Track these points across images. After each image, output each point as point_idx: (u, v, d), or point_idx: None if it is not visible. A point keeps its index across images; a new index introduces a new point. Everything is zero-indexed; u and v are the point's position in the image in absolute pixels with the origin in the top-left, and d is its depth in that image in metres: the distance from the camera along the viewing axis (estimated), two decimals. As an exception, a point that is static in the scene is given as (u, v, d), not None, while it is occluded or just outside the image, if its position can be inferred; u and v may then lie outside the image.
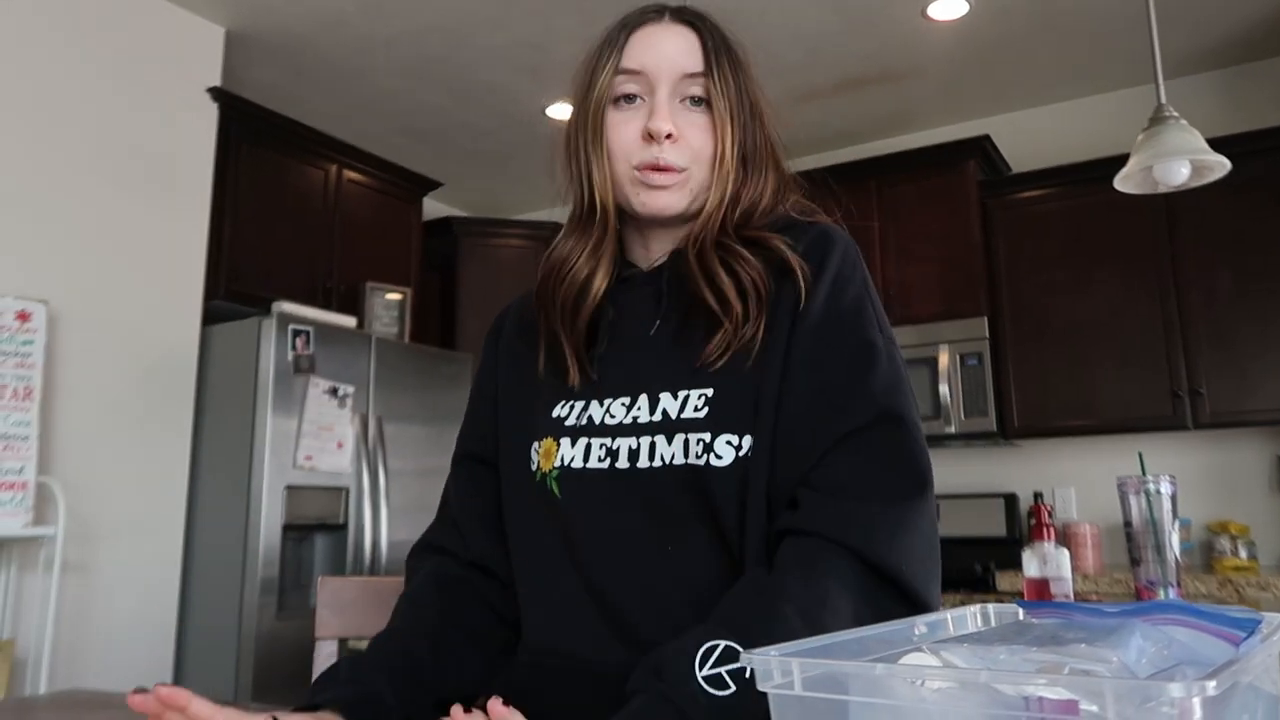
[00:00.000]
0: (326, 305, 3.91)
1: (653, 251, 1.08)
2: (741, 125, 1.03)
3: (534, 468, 1.04)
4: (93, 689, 1.27)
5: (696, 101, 1.02)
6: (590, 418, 1.01)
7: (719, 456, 0.93)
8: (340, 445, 3.51)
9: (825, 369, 0.94)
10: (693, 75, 1.02)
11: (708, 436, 0.94)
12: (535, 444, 1.04)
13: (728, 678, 0.77)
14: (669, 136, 1.00)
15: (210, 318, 3.54)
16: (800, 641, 0.57)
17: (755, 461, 0.93)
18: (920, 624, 0.67)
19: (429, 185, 4.62)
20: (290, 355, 3.38)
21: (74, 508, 2.91)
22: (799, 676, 0.51)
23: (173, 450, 3.33)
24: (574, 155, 1.07)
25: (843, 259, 1.00)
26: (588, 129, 1.05)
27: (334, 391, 3.51)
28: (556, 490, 1.01)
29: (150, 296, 3.31)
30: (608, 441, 0.99)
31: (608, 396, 1.01)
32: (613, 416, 1.00)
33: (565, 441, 1.02)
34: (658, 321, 1.03)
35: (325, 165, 4.12)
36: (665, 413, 0.97)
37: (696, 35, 1.04)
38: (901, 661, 0.54)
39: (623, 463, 0.97)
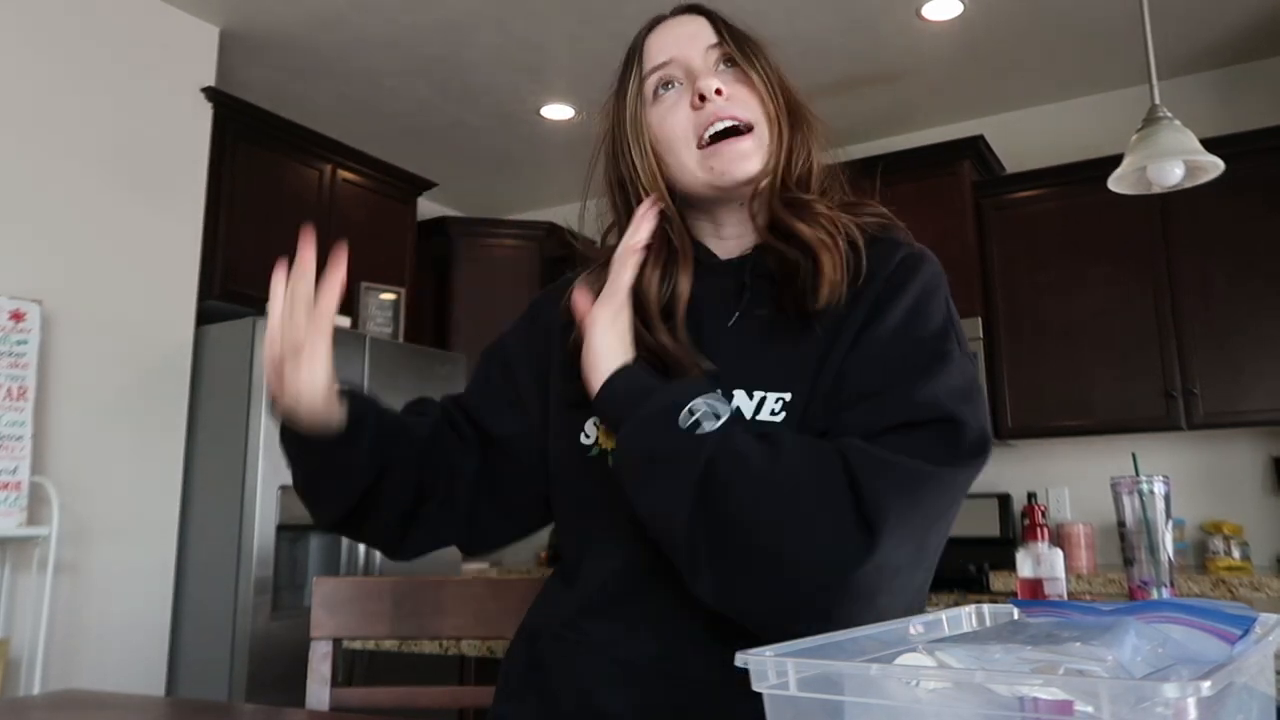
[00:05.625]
0: (321, 305, 3.89)
1: (724, 233, 1.08)
2: (776, 84, 1.06)
3: (590, 442, 1.02)
4: (87, 689, 1.27)
5: (729, 63, 1.05)
6: None
7: None
8: (335, 445, 3.49)
9: (892, 369, 0.91)
10: (714, 45, 1.05)
11: None
12: (592, 420, 1.03)
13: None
14: (718, 92, 1.01)
15: (204, 317, 3.53)
16: (795, 642, 0.57)
17: None
18: (916, 624, 0.67)
19: (423, 185, 4.62)
20: (285, 355, 3.37)
21: (68, 507, 2.91)
22: (794, 677, 0.51)
23: (167, 450, 3.32)
24: (620, 183, 1.07)
25: (931, 278, 0.99)
26: (629, 140, 1.05)
27: (328, 391, 3.50)
28: (610, 466, 0.99)
29: (145, 296, 3.30)
30: None
31: None
32: None
33: None
34: (737, 314, 1.01)
35: (320, 165, 4.12)
36: (739, 411, 0.94)
37: (707, 19, 1.08)
38: (897, 662, 0.54)
39: None
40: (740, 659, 0.53)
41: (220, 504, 3.31)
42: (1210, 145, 2.54)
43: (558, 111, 4.37)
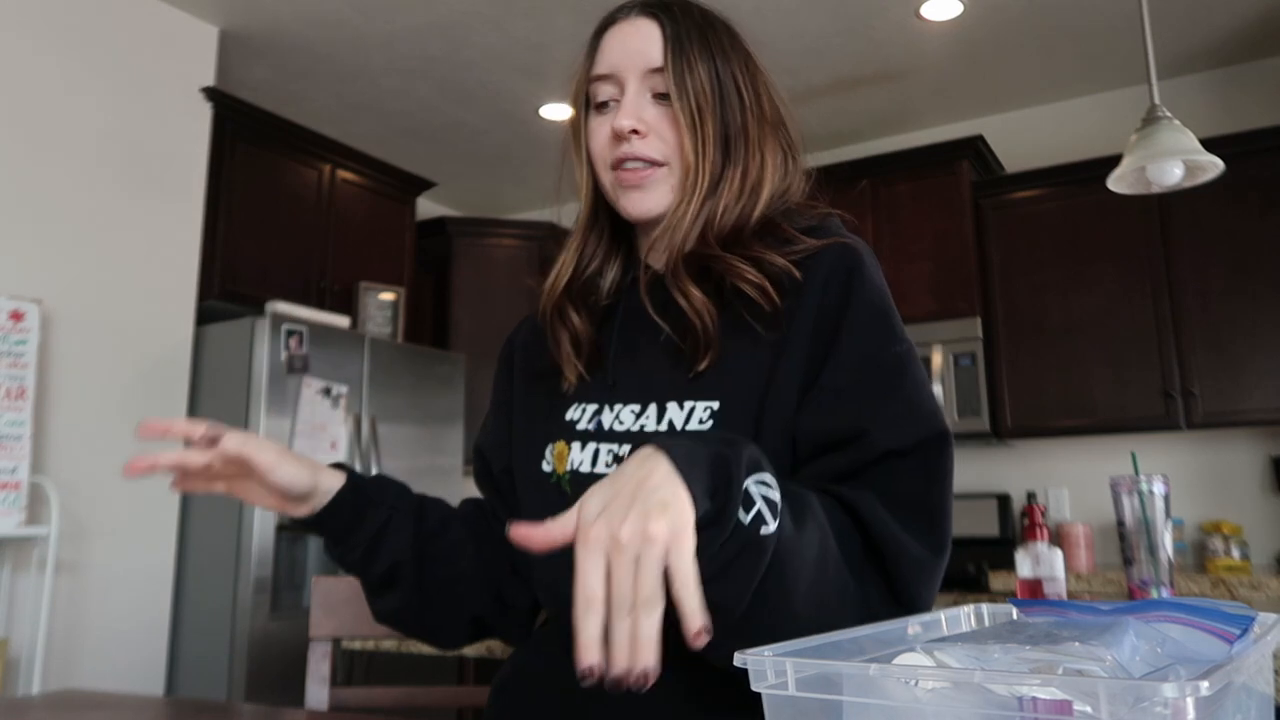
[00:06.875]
0: (320, 305, 3.90)
1: (655, 244, 1.06)
2: (715, 113, 0.99)
3: (549, 469, 1.03)
4: (87, 689, 1.27)
5: (663, 97, 1.00)
6: (600, 422, 1.01)
7: None
8: (334, 445, 3.50)
9: (865, 386, 0.91)
10: (656, 70, 0.99)
11: None
12: (549, 446, 1.04)
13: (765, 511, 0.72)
14: (635, 132, 0.98)
15: (204, 317, 3.53)
16: (794, 641, 0.57)
17: None
18: (914, 624, 0.67)
19: (423, 185, 4.62)
20: (284, 355, 3.37)
21: (68, 507, 2.91)
22: (793, 677, 0.51)
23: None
24: (575, 164, 1.08)
25: (869, 277, 0.96)
26: (576, 137, 1.06)
27: (327, 391, 3.50)
28: (570, 492, 1.00)
29: (144, 296, 3.30)
30: (615, 447, 0.98)
31: (619, 402, 1.00)
32: (621, 423, 0.99)
33: (576, 445, 1.01)
34: (667, 327, 1.00)
35: (319, 165, 4.12)
36: (671, 424, 0.95)
37: (658, 26, 1.01)
38: (895, 661, 0.54)
39: None
40: (739, 659, 0.53)
41: (219, 503, 3.31)
42: (1210, 145, 2.54)
43: (557, 111, 4.37)
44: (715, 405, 0.93)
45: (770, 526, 0.71)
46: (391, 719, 1.24)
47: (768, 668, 0.52)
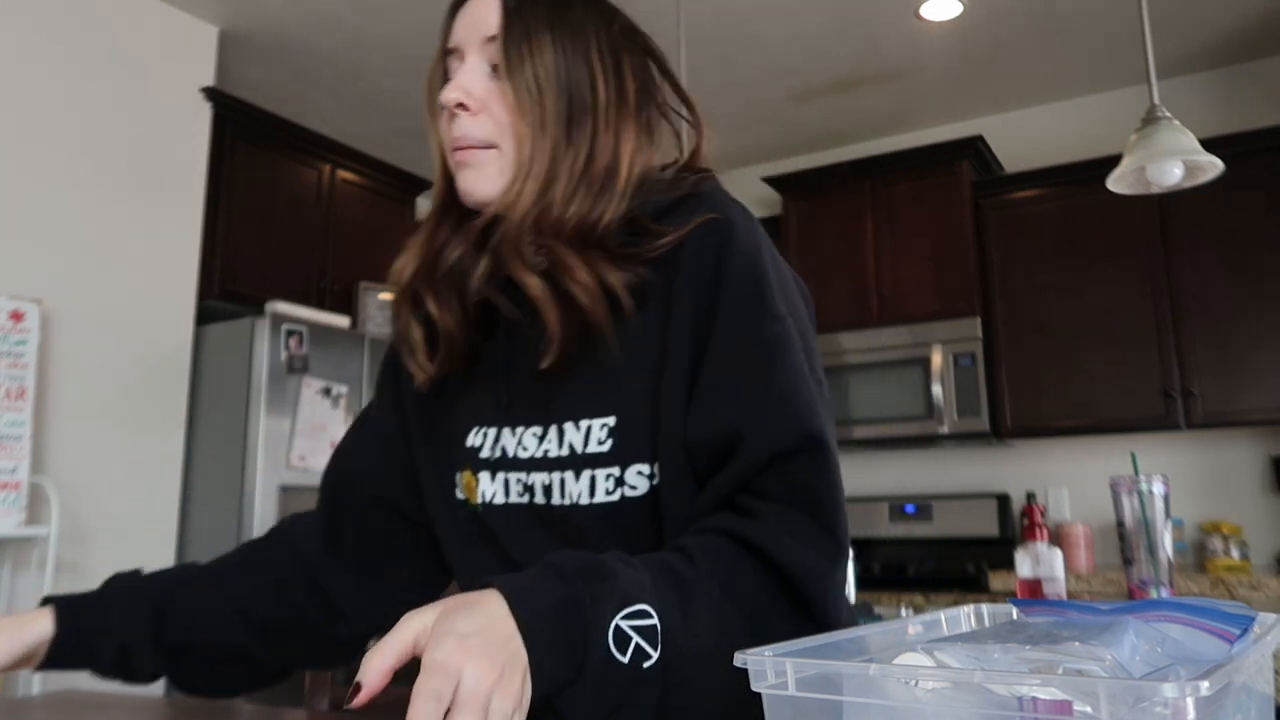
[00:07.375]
0: (320, 305, 3.90)
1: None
2: (556, 88, 0.89)
3: (462, 497, 0.99)
4: (87, 689, 1.27)
5: (497, 70, 0.91)
6: (504, 449, 0.95)
7: (633, 488, 0.88)
8: (334, 445, 3.49)
9: (739, 381, 0.85)
10: (491, 38, 0.91)
11: (617, 470, 0.88)
12: (457, 475, 0.99)
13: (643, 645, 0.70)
14: (461, 106, 0.90)
15: (204, 317, 3.53)
16: (794, 641, 0.57)
17: (664, 489, 0.87)
18: (915, 624, 0.67)
19: (422, 185, 4.62)
20: (284, 355, 3.37)
21: (68, 507, 2.90)
22: (793, 677, 0.51)
23: (166, 449, 3.32)
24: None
25: (738, 253, 0.88)
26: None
27: (327, 391, 3.50)
28: (486, 522, 0.97)
29: (144, 296, 3.30)
30: (523, 476, 0.94)
31: (519, 425, 0.94)
32: (525, 449, 0.94)
33: (484, 476, 0.96)
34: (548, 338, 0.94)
35: (319, 165, 4.12)
36: (572, 447, 0.90)
37: None
38: (895, 661, 0.54)
39: (539, 498, 0.92)
40: (739, 659, 0.53)
41: (219, 503, 3.31)
42: (1209, 145, 2.54)
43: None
44: (611, 421, 0.88)
45: (653, 658, 0.70)
46: (391, 719, 1.24)
47: (768, 667, 0.52)
